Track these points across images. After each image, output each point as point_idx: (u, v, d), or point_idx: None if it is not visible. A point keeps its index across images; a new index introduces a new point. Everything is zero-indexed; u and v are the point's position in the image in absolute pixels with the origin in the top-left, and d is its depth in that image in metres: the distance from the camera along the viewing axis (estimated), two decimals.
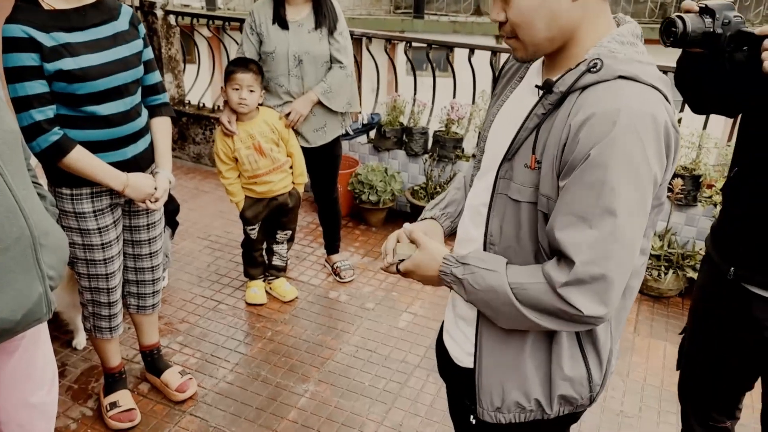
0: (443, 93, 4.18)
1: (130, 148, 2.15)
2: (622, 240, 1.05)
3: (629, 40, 1.10)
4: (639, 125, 1.01)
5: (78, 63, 1.93)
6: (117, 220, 2.24)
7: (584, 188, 1.03)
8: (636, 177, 1.03)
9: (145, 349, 2.65)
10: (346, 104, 3.08)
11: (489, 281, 1.15)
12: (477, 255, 1.21)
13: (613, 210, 1.03)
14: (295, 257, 3.72)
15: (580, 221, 1.05)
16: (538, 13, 1.07)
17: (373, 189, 3.95)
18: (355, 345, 2.99)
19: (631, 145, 1.01)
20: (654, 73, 1.08)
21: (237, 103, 2.83)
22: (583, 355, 1.23)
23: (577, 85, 1.07)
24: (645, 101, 1.03)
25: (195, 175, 4.82)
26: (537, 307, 1.12)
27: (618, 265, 1.06)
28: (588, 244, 1.04)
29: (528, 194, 1.14)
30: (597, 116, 1.02)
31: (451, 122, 4.01)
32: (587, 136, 1.02)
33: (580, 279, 1.06)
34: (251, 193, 3.03)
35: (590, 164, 1.02)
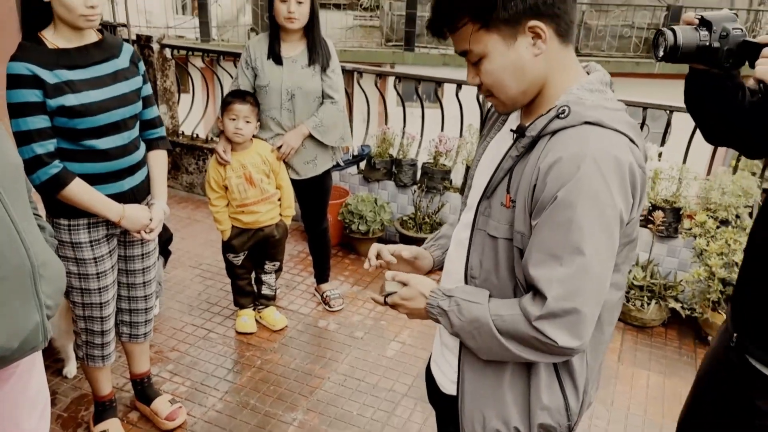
0: (432, 124, 4.29)
1: (127, 180, 2.21)
2: (590, 275, 1.11)
3: (597, 88, 1.18)
4: (603, 167, 1.08)
5: (79, 99, 2.01)
6: (112, 250, 2.30)
7: (553, 228, 1.11)
8: (601, 216, 1.09)
9: (135, 378, 2.68)
10: (338, 139, 3.17)
11: (473, 313, 1.22)
12: (462, 288, 1.28)
13: (581, 248, 1.10)
14: (285, 286, 3.77)
15: (551, 259, 1.11)
16: (506, 73, 1.17)
17: (363, 219, 4.03)
18: (344, 374, 3.03)
19: (596, 185, 1.08)
20: (620, 118, 1.15)
21: (233, 132, 2.92)
22: (560, 384, 1.28)
23: (546, 130, 1.15)
24: (609, 145, 1.10)
25: (187, 205, 4.88)
26: (515, 337, 1.18)
27: (588, 300, 1.13)
28: (559, 281, 1.11)
29: (504, 231, 1.21)
30: (563, 160, 1.09)
31: (440, 154, 4.11)
32: (555, 178, 1.10)
33: (553, 313, 1.12)
34: (238, 222, 3.10)
35: (558, 205, 1.09)
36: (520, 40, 1.14)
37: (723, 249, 3.24)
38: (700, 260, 3.35)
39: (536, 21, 1.13)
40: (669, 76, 12.31)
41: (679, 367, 3.23)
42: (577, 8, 1.18)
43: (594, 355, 1.31)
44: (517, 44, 1.15)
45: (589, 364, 1.30)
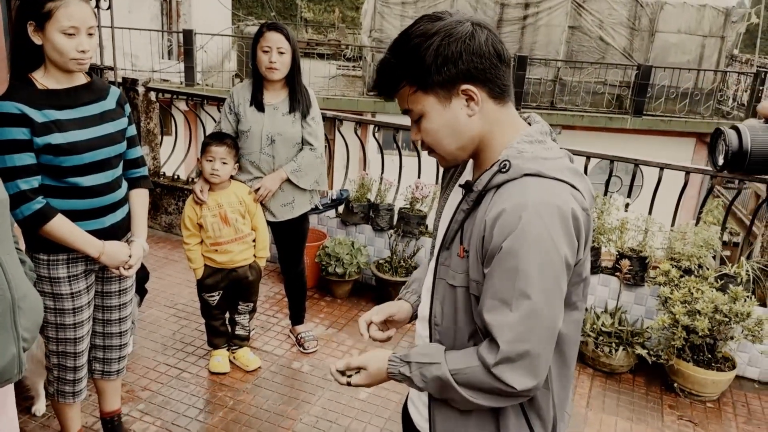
0: (409, 171, 4.41)
1: (109, 217, 2.27)
2: (539, 318, 1.17)
3: (537, 138, 1.26)
4: (544, 215, 1.15)
5: (66, 138, 2.09)
6: (90, 285, 2.34)
7: (501, 275, 1.18)
8: (545, 261, 1.16)
9: (105, 416, 2.67)
10: (313, 182, 3.27)
11: (434, 373, 1.27)
12: (418, 351, 1.33)
13: (527, 293, 1.16)
14: (260, 327, 3.80)
15: (502, 304, 1.18)
16: (442, 132, 1.27)
17: (340, 261, 4.09)
18: (316, 416, 3.04)
19: (538, 233, 1.15)
20: (559, 166, 1.23)
21: (209, 173, 3.00)
22: (528, 424, 1.31)
23: (491, 185, 1.23)
24: (549, 193, 1.18)
25: (165, 245, 4.91)
26: (477, 388, 1.23)
27: (540, 341, 1.19)
28: (509, 326, 1.17)
29: (461, 279, 1.28)
30: (506, 212, 1.17)
31: (416, 200, 4.22)
32: (499, 229, 1.17)
33: (508, 357, 1.18)
34: (211, 262, 3.15)
35: (504, 254, 1.17)
36: (455, 102, 1.23)
37: (686, 297, 3.35)
38: (664, 308, 3.46)
39: (468, 85, 1.21)
40: (640, 132, 12.77)
41: (645, 413, 3.30)
42: (510, 72, 1.26)
43: (561, 391, 1.34)
44: (452, 105, 1.23)
45: (555, 402, 1.33)
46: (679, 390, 3.47)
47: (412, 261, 4.18)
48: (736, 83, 13.79)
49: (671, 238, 3.71)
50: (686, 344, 3.36)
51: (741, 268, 3.52)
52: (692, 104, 12.97)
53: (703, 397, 3.43)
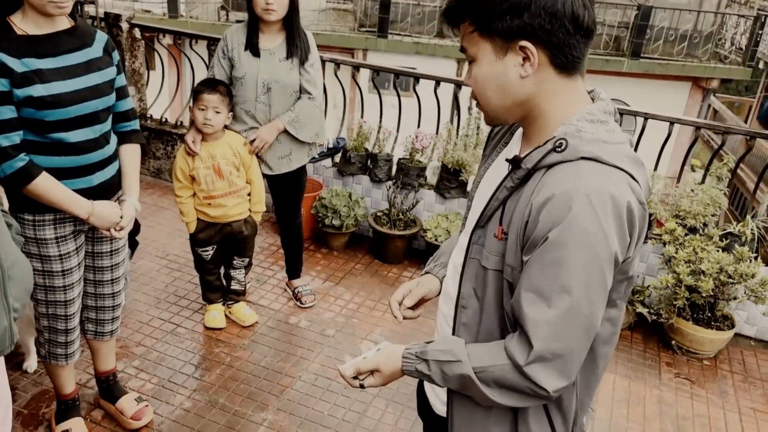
0: (408, 114, 4.24)
1: (97, 175, 2.12)
2: (579, 317, 1.08)
3: (600, 118, 1.13)
4: (597, 206, 1.04)
5: (48, 90, 1.91)
6: (79, 246, 2.21)
7: (543, 267, 1.08)
8: (593, 256, 1.06)
9: (100, 375, 2.60)
10: (313, 135, 3.11)
11: (456, 372, 1.19)
12: (436, 347, 1.24)
13: (569, 289, 1.07)
14: (255, 280, 3.71)
15: (540, 299, 1.09)
16: (489, 84, 1.15)
17: (337, 213, 3.98)
18: (315, 373, 3.00)
19: (589, 225, 1.04)
20: (620, 152, 1.11)
21: (202, 123, 2.84)
22: (548, 417, 1.25)
23: (542, 164, 1.11)
24: (605, 182, 1.06)
25: (154, 191, 4.76)
26: (501, 386, 1.16)
27: (576, 340, 1.10)
28: (546, 322, 1.08)
29: (495, 262, 1.19)
30: (556, 198, 1.06)
31: (415, 151, 4.08)
32: (546, 217, 1.06)
33: (542, 356, 1.10)
34: (205, 216, 3.02)
35: (549, 245, 1.06)
36: (510, 57, 1.12)
37: (691, 257, 3.30)
38: (668, 267, 3.42)
39: (528, 42, 1.09)
40: (637, 75, 12.54)
41: (643, 370, 3.30)
42: (586, 44, 1.13)
43: (585, 388, 1.28)
44: (506, 59, 1.12)
45: (579, 397, 1.27)
46: (676, 348, 3.46)
47: (411, 214, 4.07)
48: (735, 26, 13.49)
49: (677, 194, 3.62)
50: (687, 304, 3.33)
51: (746, 227, 3.46)
52: (690, 47, 12.71)
53: (700, 355, 3.44)
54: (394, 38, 12.51)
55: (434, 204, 4.11)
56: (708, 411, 3.05)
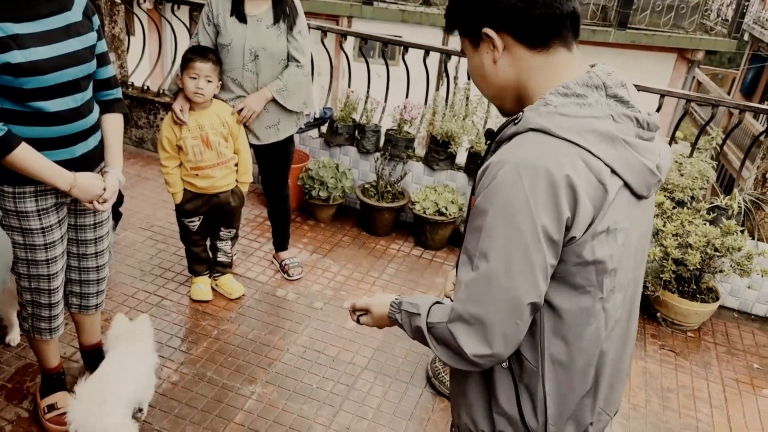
0: (394, 84, 4.17)
1: (79, 146, 2.05)
2: (496, 285, 1.07)
3: (575, 92, 1.10)
4: (524, 177, 1.04)
5: (26, 56, 1.83)
6: (62, 219, 2.15)
7: (470, 231, 1.13)
8: (513, 227, 1.05)
9: (86, 349, 2.56)
10: (301, 104, 3.04)
11: (414, 323, 1.25)
12: (409, 300, 1.31)
13: (486, 255, 1.08)
14: (242, 252, 3.67)
15: (466, 261, 1.13)
16: (475, 75, 1.24)
17: (324, 185, 3.93)
18: (303, 345, 2.99)
19: (510, 194, 1.05)
20: (580, 126, 1.06)
21: (193, 92, 2.76)
22: (516, 396, 1.23)
23: (503, 135, 1.16)
24: (542, 154, 1.05)
25: (137, 161, 4.66)
26: (442, 343, 1.18)
27: (495, 310, 1.08)
28: (466, 284, 1.11)
29: None
30: (489, 166, 1.10)
31: (404, 122, 4.02)
32: (480, 184, 1.12)
33: (461, 316, 1.12)
34: (192, 187, 2.96)
35: (475, 210, 1.11)
36: (482, 47, 1.18)
37: (678, 230, 3.31)
38: (655, 240, 3.43)
39: (488, 29, 1.15)
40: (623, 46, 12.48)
41: None
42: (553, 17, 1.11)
43: (568, 388, 1.21)
44: (480, 50, 1.19)
45: (546, 385, 1.20)
46: (661, 320, 3.50)
47: (399, 186, 4.03)
48: None
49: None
50: (673, 276, 3.35)
51: (733, 200, 3.48)
52: (677, 18, 12.64)
53: (684, 327, 3.48)
54: (379, 5, 12.28)
55: (423, 176, 4.07)
56: (692, 382, 3.10)
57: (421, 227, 3.91)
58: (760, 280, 3.57)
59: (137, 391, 2.26)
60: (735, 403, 3.00)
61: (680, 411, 2.89)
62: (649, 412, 2.86)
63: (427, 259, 3.87)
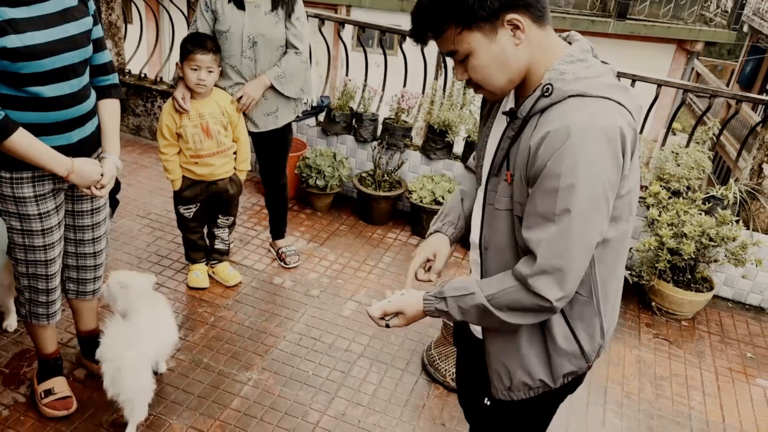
0: (393, 73, 4.16)
1: (77, 131, 2.05)
2: (577, 234, 1.21)
3: (579, 57, 1.24)
4: (589, 135, 1.16)
5: (23, 40, 1.82)
6: (59, 205, 2.15)
7: (545, 194, 1.21)
8: (588, 180, 1.18)
9: (82, 335, 2.58)
10: (299, 90, 3.04)
11: (470, 303, 1.34)
12: (451, 286, 1.39)
13: (569, 209, 1.19)
14: (239, 240, 3.68)
15: (543, 220, 1.22)
16: (492, 67, 1.25)
17: (321, 174, 3.93)
18: (299, 333, 3.00)
19: (582, 153, 1.16)
20: (602, 83, 1.22)
21: (195, 83, 2.76)
22: (573, 333, 1.39)
23: (534, 110, 1.24)
24: (593, 113, 1.18)
25: (134, 149, 4.65)
26: (510, 308, 1.31)
27: (574, 257, 1.23)
28: (547, 240, 1.22)
29: (505, 203, 1.33)
30: (551, 134, 1.18)
31: (401, 111, 4.02)
32: (544, 151, 1.19)
33: (544, 270, 1.23)
34: (191, 174, 2.97)
35: (547, 174, 1.19)
36: (501, 34, 1.22)
37: (673, 220, 3.33)
38: (651, 230, 3.44)
39: (512, 14, 1.20)
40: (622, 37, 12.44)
41: (623, 331, 3.36)
42: None
43: (605, 300, 1.39)
44: (499, 38, 1.22)
45: (601, 310, 1.38)
46: (656, 309, 3.52)
47: (396, 175, 4.04)
48: None
49: (662, 158, 3.63)
50: (668, 266, 3.37)
51: (729, 190, 3.49)
52: (676, 9, 12.61)
53: (679, 316, 3.50)
54: None
55: (420, 165, 4.07)
56: (685, 370, 3.13)
57: (418, 216, 3.92)
58: (754, 270, 3.59)
59: (157, 348, 2.40)
60: (728, 391, 3.02)
61: (673, 399, 2.92)
62: (642, 399, 2.88)
63: None
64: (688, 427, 2.76)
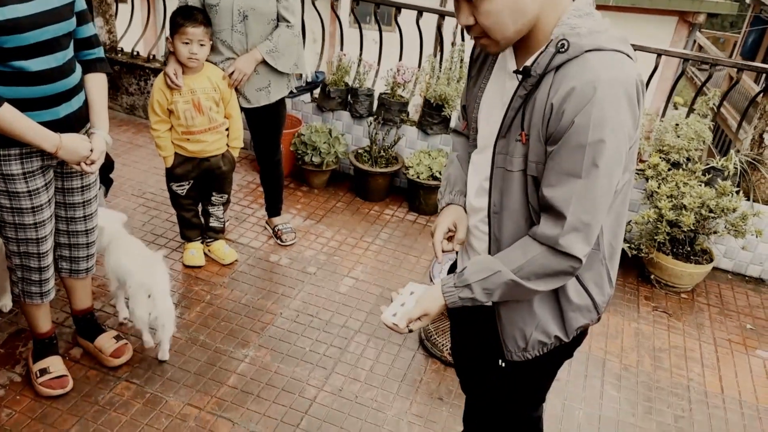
0: (389, 49, 4.11)
1: (63, 106, 2.02)
2: (601, 189, 1.22)
3: (586, 11, 1.22)
4: (612, 90, 1.15)
5: (4, 13, 1.78)
6: (49, 182, 2.12)
7: (571, 150, 1.19)
8: (614, 136, 1.18)
9: (77, 314, 2.56)
10: (292, 65, 2.99)
11: (497, 281, 1.32)
12: (470, 270, 1.36)
13: (596, 164, 1.19)
14: (234, 218, 3.65)
15: (570, 177, 1.21)
16: (505, 14, 1.20)
17: (317, 150, 3.89)
18: (296, 310, 2.99)
19: (609, 107, 1.16)
20: (613, 37, 1.21)
21: (187, 57, 2.71)
22: (583, 286, 1.40)
23: (551, 66, 1.21)
24: (613, 67, 1.17)
25: (128, 128, 4.61)
26: (538, 275, 1.30)
27: (600, 211, 1.24)
28: (577, 196, 1.21)
29: (518, 163, 1.30)
30: (577, 89, 1.16)
31: (397, 85, 3.97)
32: (570, 107, 1.17)
33: (574, 226, 1.23)
34: (182, 150, 2.93)
35: (576, 129, 1.17)
36: None
37: (673, 191, 3.29)
38: (650, 202, 3.41)
39: None
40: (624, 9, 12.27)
41: (622, 305, 3.34)
42: None
43: (609, 244, 1.39)
44: None
45: (606, 255, 1.39)
46: (655, 282, 3.51)
47: (392, 151, 4.00)
48: None
49: (661, 129, 3.58)
50: (668, 238, 3.34)
51: (729, 161, 3.45)
52: None
53: (678, 289, 3.48)
54: None
55: (416, 140, 4.03)
56: (684, 342, 3.12)
57: (415, 192, 3.89)
58: (754, 242, 3.56)
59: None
60: (727, 363, 3.02)
61: (672, 371, 2.91)
62: (640, 372, 2.87)
63: (420, 224, 3.86)
64: (686, 399, 2.76)
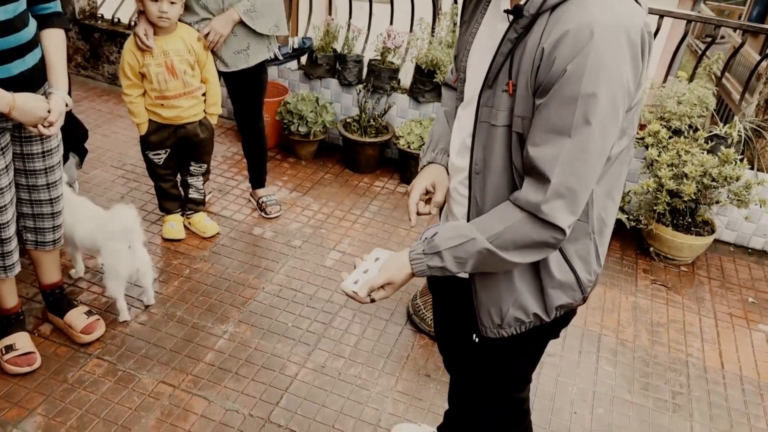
0: (380, 18, 3.94)
1: (16, 63, 1.87)
2: (594, 150, 1.08)
3: None
4: (612, 37, 1.03)
5: None
6: (5, 147, 1.98)
7: (561, 103, 1.05)
8: (610, 86, 1.04)
9: (46, 288, 2.44)
10: (272, 26, 2.83)
11: (471, 250, 1.18)
12: (442, 237, 1.21)
13: (588, 120, 1.05)
14: (217, 190, 3.51)
15: (557, 135, 1.07)
16: None
17: (303, 120, 3.74)
18: (279, 284, 2.87)
19: (605, 55, 1.03)
20: None
21: (157, 16, 2.55)
22: (566, 259, 1.28)
23: (545, 6, 1.08)
24: (615, 12, 1.04)
25: (109, 98, 4.44)
26: (519, 245, 1.16)
27: (587, 176, 1.10)
28: (563, 157, 1.07)
29: (503, 117, 1.16)
30: (571, 33, 1.03)
31: (388, 51, 3.80)
32: (563, 53, 1.04)
33: (559, 192, 1.10)
34: (157, 117, 2.79)
35: (567, 79, 1.04)
36: None
37: (674, 160, 3.15)
38: (650, 171, 3.27)
39: None
40: None
41: (619, 278, 3.22)
42: None
43: (599, 217, 1.27)
44: None
45: (595, 229, 1.27)
46: (654, 254, 3.38)
47: (383, 120, 3.84)
48: None
49: (662, 95, 3.42)
50: (668, 209, 3.20)
51: (733, 128, 3.30)
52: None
53: (678, 261, 3.36)
54: None
55: (408, 109, 3.87)
56: (683, 317, 3.00)
57: (406, 163, 3.74)
58: (758, 212, 3.43)
59: None
60: (728, 337, 2.90)
61: (670, 345, 2.79)
62: (637, 347, 2.76)
63: None
64: (684, 374, 2.64)
